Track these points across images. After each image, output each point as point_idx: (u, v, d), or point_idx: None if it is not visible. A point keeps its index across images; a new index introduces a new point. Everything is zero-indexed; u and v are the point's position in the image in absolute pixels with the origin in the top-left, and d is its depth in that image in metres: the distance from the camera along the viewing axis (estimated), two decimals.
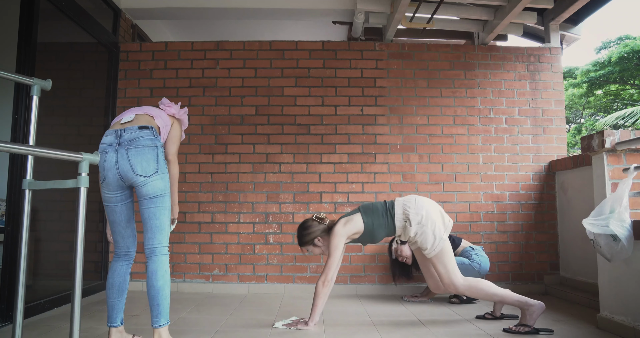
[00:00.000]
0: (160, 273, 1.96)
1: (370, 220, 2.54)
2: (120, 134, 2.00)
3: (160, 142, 2.04)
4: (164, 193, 2.00)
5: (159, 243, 1.99)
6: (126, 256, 2.14)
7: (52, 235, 3.20)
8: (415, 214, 2.50)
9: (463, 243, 3.32)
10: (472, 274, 3.10)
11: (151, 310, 1.96)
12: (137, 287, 3.61)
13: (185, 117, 2.35)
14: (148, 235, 2.00)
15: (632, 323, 2.25)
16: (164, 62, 3.88)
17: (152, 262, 1.97)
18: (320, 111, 3.83)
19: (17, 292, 1.62)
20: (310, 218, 2.65)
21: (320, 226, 2.61)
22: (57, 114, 3.23)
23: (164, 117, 2.19)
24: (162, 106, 2.28)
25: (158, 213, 1.99)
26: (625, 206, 2.17)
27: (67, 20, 3.21)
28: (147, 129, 2.02)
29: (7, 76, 1.77)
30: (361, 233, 2.56)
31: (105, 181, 2.01)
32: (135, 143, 1.97)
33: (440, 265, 2.49)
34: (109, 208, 2.08)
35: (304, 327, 2.47)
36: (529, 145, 3.82)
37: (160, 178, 1.98)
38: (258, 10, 4.00)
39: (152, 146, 1.99)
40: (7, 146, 1.32)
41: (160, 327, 1.95)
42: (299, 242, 2.65)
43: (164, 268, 1.97)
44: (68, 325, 2.17)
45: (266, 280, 3.66)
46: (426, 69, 3.90)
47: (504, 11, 3.52)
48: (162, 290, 1.95)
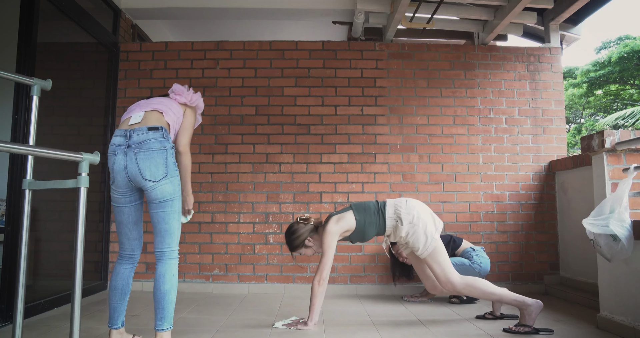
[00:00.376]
0: (168, 277, 1.95)
1: (362, 217, 2.55)
2: (129, 135, 1.95)
3: (170, 143, 1.99)
4: (173, 197, 1.97)
5: (168, 247, 1.98)
6: (130, 259, 2.12)
7: (52, 235, 3.20)
8: (406, 214, 2.52)
9: (464, 244, 3.32)
10: (472, 275, 3.09)
11: (155, 312, 1.95)
12: (137, 287, 3.61)
13: (200, 101, 2.26)
14: (157, 238, 1.99)
15: (632, 323, 2.25)
16: (164, 62, 3.88)
17: (161, 265, 1.96)
18: (320, 111, 3.83)
19: (17, 292, 1.62)
20: (295, 222, 2.65)
21: (307, 227, 2.61)
22: (57, 114, 3.23)
23: (174, 109, 2.11)
24: (172, 95, 2.19)
25: (167, 218, 1.97)
26: (625, 206, 2.17)
27: (67, 20, 3.21)
28: (156, 130, 1.96)
29: (7, 76, 1.78)
30: (352, 231, 2.57)
31: (115, 183, 1.99)
32: (144, 146, 1.93)
33: (435, 264, 2.50)
34: (116, 209, 2.06)
35: (303, 327, 2.47)
36: (529, 145, 3.82)
37: (170, 182, 1.95)
38: (258, 10, 4.00)
39: (162, 149, 1.94)
40: (7, 146, 1.32)
41: (162, 331, 1.93)
42: (290, 248, 2.64)
43: (171, 272, 1.96)
44: (68, 325, 2.17)
45: (266, 280, 3.66)
46: (426, 69, 3.90)
47: (504, 11, 3.52)
48: (168, 294, 1.93)
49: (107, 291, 3.59)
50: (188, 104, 2.20)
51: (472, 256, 3.21)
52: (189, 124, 2.17)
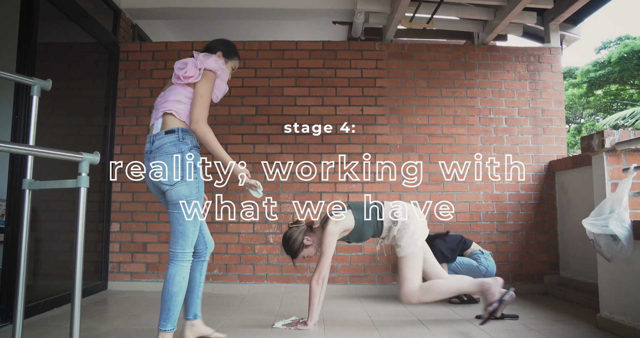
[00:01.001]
0: (177, 279, 1.96)
1: (360, 217, 2.57)
2: (152, 140, 2.03)
3: (187, 145, 2.00)
4: (188, 200, 1.98)
5: (181, 249, 1.99)
6: (195, 255, 2.16)
7: (52, 235, 3.20)
8: (402, 216, 2.57)
9: (473, 246, 3.34)
10: (478, 276, 3.12)
11: (160, 312, 1.96)
12: (137, 287, 3.62)
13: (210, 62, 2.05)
14: (172, 239, 2.01)
15: (632, 323, 2.25)
16: (164, 62, 3.88)
17: (172, 267, 1.98)
18: (320, 111, 3.83)
19: (17, 292, 1.62)
20: (287, 229, 2.65)
21: (300, 228, 2.61)
22: (57, 114, 3.23)
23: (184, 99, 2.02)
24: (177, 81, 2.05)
25: (181, 219, 1.98)
26: (625, 206, 2.17)
27: (67, 20, 3.21)
28: (172, 133, 1.99)
29: (7, 76, 1.78)
30: (351, 230, 2.58)
31: (149, 188, 2.12)
32: (160, 151, 1.98)
33: (408, 268, 2.49)
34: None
35: (303, 327, 2.47)
36: (529, 145, 3.82)
37: (186, 185, 1.97)
38: (258, 10, 4.00)
39: (177, 152, 1.97)
40: (7, 146, 1.32)
41: (165, 332, 1.94)
42: (290, 255, 2.62)
43: (181, 274, 1.97)
44: (68, 325, 2.17)
45: (266, 280, 3.66)
46: (426, 69, 3.90)
47: (504, 11, 3.52)
48: (175, 296, 1.94)
49: (107, 291, 3.60)
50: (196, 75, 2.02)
51: (479, 258, 3.23)
52: (197, 94, 2.00)
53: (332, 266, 3.48)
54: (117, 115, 3.81)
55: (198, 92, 2.01)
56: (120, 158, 3.74)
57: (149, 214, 3.71)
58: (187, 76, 2.02)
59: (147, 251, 3.69)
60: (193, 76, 2.02)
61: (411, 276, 2.49)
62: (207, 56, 2.09)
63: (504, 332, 2.40)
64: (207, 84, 2.03)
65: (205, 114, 2.02)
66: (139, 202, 3.73)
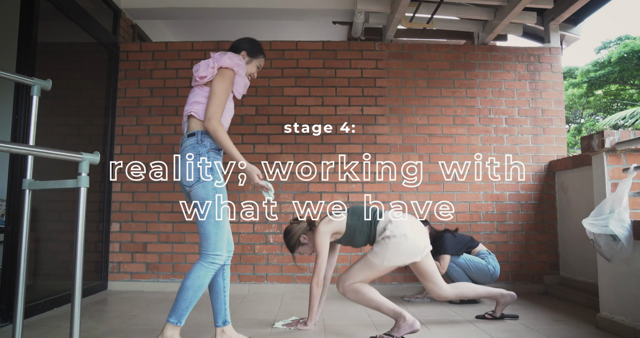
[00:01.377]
0: (193, 276, 1.97)
1: (354, 223, 2.46)
2: (181, 143, 2.11)
3: (205, 147, 2.03)
4: (206, 201, 2.00)
5: (204, 250, 2.01)
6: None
7: (52, 235, 3.20)
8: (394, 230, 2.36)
9: (480, 246, 3.36)
10: (485, 275, 3.20)
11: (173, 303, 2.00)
12: (137, 287, 3.62)
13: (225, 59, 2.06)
14: (199, 238, 2.05)
15: (632, 323, 2.25)
16: (164, 62, 3.88)
17: (196, 263, 2.01)
18: (320, 111, 3.83)
19: (17, 292, 1.62)
20: (289, 223, 2.63)
21: (299, 225, 2.59)
22: (57, 114, 3.23)
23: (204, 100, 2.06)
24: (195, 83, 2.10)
25: (201, 221, 2.01)
26: (625, 206, 2.17)
27: (67, 20, 3.21)
28: (193, 136, 2.04)
29: (7, 76, 1.78)
30: (342, 234, 2.49)
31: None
32: (182, 153, 2.05)
33: (359, 270, 2.38)
34: None
35: (303, 327, 2.47)
36: (529, 145, 3.82)
37: (202, 187, 1.99)
38: (258, 10, 4.00)
39: (195, 154, 2.01)
40: (7, 146, 1.32)
41: (168, 323, 1.98)
42: (288, 249, 2.61)
43: (198, 272, 1.97)
44: (68, 325, 2.17)
45: (266, 280, 3.66)
46: (426, 69, 3.90)
47: (504, 11, 3.52)
48: (186, 290, 1.96)
49: (107, 291, 3.60)
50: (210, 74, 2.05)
51: (487, 258, 3.26)
52: (212, 92, 2.03)
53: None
54: (117, 115, 3.81)
55: (212, 90, 2.03)
56: (120, 158, 3.74)
57: (149, 214, 3.71)
58: (201, 76, 2.07)
59: (147, 251, 3.69)
60: (207, 75, 2.05)
61: (356, 275, 2.38)
62: (222, 54, 2.12)
63: (504, 332, 2.40)
64: (222, 82, 2.05)
65: (219, 111, 2.02)
66: (139, 202, 3.73)
